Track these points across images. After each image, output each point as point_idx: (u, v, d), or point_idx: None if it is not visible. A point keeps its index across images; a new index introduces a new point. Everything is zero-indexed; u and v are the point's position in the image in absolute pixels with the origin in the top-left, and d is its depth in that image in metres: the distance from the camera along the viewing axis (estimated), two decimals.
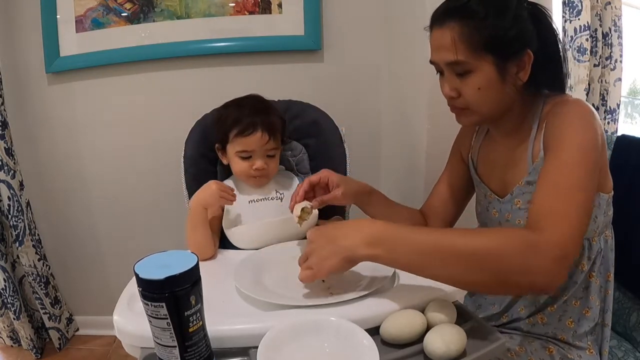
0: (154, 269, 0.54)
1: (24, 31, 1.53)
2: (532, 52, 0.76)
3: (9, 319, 1.67)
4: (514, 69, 0.77)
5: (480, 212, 0.99)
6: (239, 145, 0.99)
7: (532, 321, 0.88)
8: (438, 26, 0.78)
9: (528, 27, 0.77)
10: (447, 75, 0.81)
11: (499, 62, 0.76)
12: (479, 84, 0.77)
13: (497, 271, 0.63)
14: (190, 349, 0.57)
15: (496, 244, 0.63)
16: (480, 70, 0.76)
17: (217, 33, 1.53)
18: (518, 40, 0.76)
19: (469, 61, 0.76)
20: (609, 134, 1.07)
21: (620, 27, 1.37)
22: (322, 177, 0.96)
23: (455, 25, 0.75)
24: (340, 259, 0.68)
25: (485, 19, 0.74)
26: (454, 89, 0.80)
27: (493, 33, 0.74)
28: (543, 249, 0.62)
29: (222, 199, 0.93)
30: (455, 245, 0.64)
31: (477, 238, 0.65)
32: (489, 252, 0.63)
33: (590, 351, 0.86)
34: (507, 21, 0.75)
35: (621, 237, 0.90)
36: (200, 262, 0.58)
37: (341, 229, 0.71)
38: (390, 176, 1.68)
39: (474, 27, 0.74)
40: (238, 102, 1.05)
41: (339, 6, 1.53)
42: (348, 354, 0.60)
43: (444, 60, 0.79)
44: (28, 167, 1.63)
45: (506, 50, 0.76)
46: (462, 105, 0.82)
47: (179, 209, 1.17)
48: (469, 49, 0.75)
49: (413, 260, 0.66)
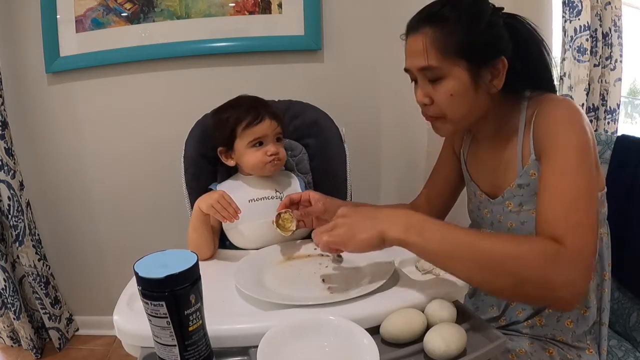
0: (154, 268, 0.54)
1: (24, 31, 1.53)
2: (507, 59, 0.76)
3: (9, 319, 1.67)
4: (488, 76, 0.77)
5: (472, 210, 0.99)
6: (250, 135, 1.00)
7: (531, 323, 0.88)
8: (412, 33, 0.79)
9: (503, 34, 0.76)
10: (420, 81, 0.81)
11: (472, 67, 0.76)
12: (451, 90, 0.77)
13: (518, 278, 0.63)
14: (190, 348, 0.57)
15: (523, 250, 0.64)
16: (452, 76, 0.76)
17: (217, 33, 1.53)
18: (492, 47, 0.76)
19: (440, 66, 0.76)
20: (609, 134, 1.07)
21: (620, 27, 1.37)
22: (304, 194, 0.97)
23: (429, 31, 0.76)
24: (374, 235, 0.69)
25: (458, 24, 0.74)
26: (427, 96, 0.80)
27: (465, 38, 0.74)
28: (569, 262, 0.63)
29: (213, 209, 0.91)
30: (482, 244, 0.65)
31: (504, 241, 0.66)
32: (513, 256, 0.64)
33: (590, 350, 0.86)
34: (481, 27, 0.75)
35: (621, 236, 0.90)
36: (200, 262, 0.58)
37: (380, 211, 0.74)
38: (390, 176, 1.68)
39: (447, 33, 0.74)
40: (232, 103, 1.06)
41: (339, 6, 1.53)
42: (348, 354, 0.60)
43: (416, 66, 0.79)
44: (28, 167, 1.63)
45: (479, 56, 0.75)
46: (435, 113, 0.82)
47: (179, 208, 1.17)
48: (441, 54, 0.75)
49: (440, 251, 0.67)
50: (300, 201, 0.97)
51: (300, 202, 0.97)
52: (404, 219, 0.70)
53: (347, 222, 0.73)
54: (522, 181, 0.81)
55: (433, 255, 0.69)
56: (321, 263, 0.88)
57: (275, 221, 0.92)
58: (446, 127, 0.83)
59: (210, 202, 0.91)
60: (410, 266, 0.82)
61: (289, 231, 0.91)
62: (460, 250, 0.66)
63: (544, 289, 0.63)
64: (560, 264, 0.62)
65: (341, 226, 0.72)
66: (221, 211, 0.91)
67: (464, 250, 0.66)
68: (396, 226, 0.69)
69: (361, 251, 0.71)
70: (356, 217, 0.73)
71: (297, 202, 0.97)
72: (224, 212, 0.91)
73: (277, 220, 0.92)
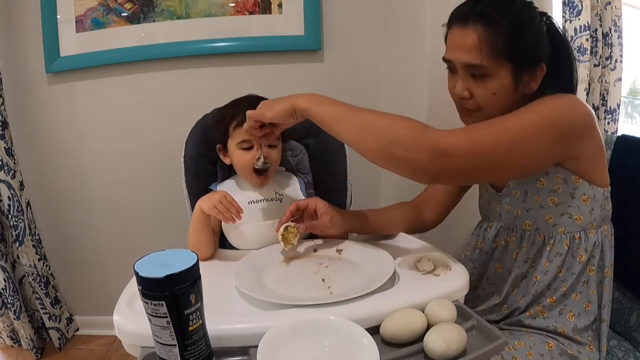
0: (154, 268, 0.54)
1: (24, 31, 1.53)
2: (545, 65, 0.79)
3: (9, 319, 1.67)
4: (527, 79, 0.80)
5: (483, 206, 1.02)
6: (239, 135, 0.99)
7: (533, 314, 0.89)
8: (461, 26, 0.80)
9: (545, 41, 0.80)
10: (462, 75, 0.82)
11: (515, 70, 0.78)
12: (494, 89, 0.80)
13: (387, 140, 0.73)
14: (190, 347, 0.57)
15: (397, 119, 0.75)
16: (497, 76, 0.79)
17: (217, 33, 1.53)
18: (535, 53, 0.79)
19: (489, 66, 0.78)
20: (609, 134, 1.07)
21: (620, 27, 1.37)
22: (311, 202, 0.96)
23: (481, 30, 0.77)
24: (287, 104, 0.82)
25: (509, 28, 0.76)
26: (467, 90, 0.82)
27: (514, 42, 0.77)
28: (431, 136, 0.72)
29: (215, 209, 0.90)
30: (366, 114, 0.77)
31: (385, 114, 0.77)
32: (387, 124, 0.75)
33: (590, 347, 0.86)
34: (529, 33, 0.78)
35: (621, 236, 0.90)
36: (200, 262, 0.58)
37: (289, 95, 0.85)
38: (390, 176, 1.67)
39: (498, 34, 0.76)
40: (236, 101, 1.06)
41: (339, 6, 1.53)
42: (348, 353, 0.60)
43: (464, 60, 0.80)
44: (28, 167, 1.63)
45: (524, 60, 0.78)
46: (472, 106, 0.84)
47: (179, 208, 1.17)
48: (491, 54, 0.77)
49: (331, 118, 0.79)
50: (306, 209, 0.96)
51: (306, 210, 0.96)
52: (311, 95, 0.82)
53: (268, 100, 0.86)
54: None
55: (326, 121, 0.79)
56: (321, 263, 0.88)
57: (281, 233, 0.90)
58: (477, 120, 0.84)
59: (212, 202, 0.91)
60: (410, 266, 0.82)
61: (290, 244, 0.90)
62: (346, 118, 0.78)
63: (405, 151, 0.72)
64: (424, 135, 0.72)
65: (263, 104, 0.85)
66: (224, 212, 0.91)
67: (349, 118, 0.78)
68: (303, 98, 0.81)
69: (278, 118, 0.83)
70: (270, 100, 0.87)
71: (304, 209, 0.96)
72: (227, 212, 0.91)
73: (282, 232, 0.90)
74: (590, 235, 0.85)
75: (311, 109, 0.80)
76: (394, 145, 0.72)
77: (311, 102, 0.80)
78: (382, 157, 0.76)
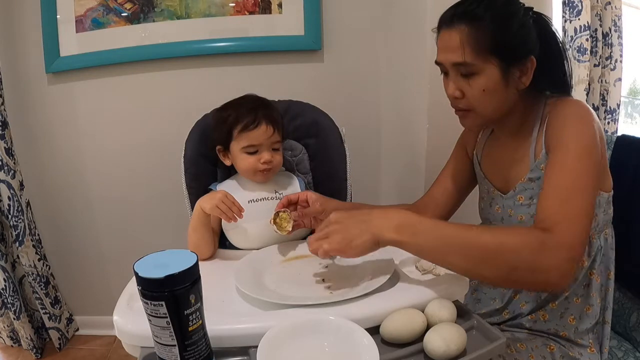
0: (154, 268, 0.54)
1: (24, 31, 1.53)
2: (534, 58, 0.79)
3: (9, 319, 1.67)
4: (517, 73, 0.80)
5: (484, 208, 1.00)
6: (244, 140, 0.99)
7: (535, 317, 0.89)
8: (446, 28, 0.80)
9: (532, 34, 0.79)
10: (453, 75, 0.82)
11: (503, 65, 0.78)
12: (483, 86, 0.79)
13: (510, 267, 0.67)
14: (190, 347, 0.57)
15: (512, 241, 0.67)
16: (485, 73, 0.79)
17: (217, 33, 1.53)
18: (523, 47, 0.79)
19: (475, 63, 0.78)
20: (609, 134, 1.07)
21: (620, 27, 1.37)
22: (301, 194, 0.98)
23: (465, 28, 0.77)
24: (369, 239, 0.71)
25: (492, 23, 0.77)
26: (459, 90, 0.82)
27: (499, 37, 0.77)
28: (555, 249, 0.66)
29: (217, 209, 0.91)
30: (474, 238, 0.69)
31: (495, 234, 0.70)
32: (504, 248, 0.67)
33: (592, 349, 0.86)
34: (513, 27, 0.78)
35: (621, 236, 0.90)
36: (200, 262, 0.58)
37: (370, 214, 0.74)
38: (390, 176, 1.68)
39: (482, 31, 0.77)
40: (236, 102, 1.05)
41: (339, 6, 1.53)
42: (348, 354, 0.60)
43: (450, 61, 0.81)
44: (28, 167, 1.63)
45: (511, 55, 0.78)
46: (465, 106, 0.84)
47: (178, 209, 1.17)
48: (475, 52, 0.77)
49: (435, 248, 0.70)
50: (298, 201, 0.97)
51: (298, 202, 0.98)
52: (395, 221, 0.71)
53: (340, 228, 0.74)
54: (533, 175, 0.84)
55: (428, 253, 0.71)
56: (321, 263, 0.88)
57: (272, 220, 0.92)
58: (476, 121, 0.86)
59: (214, 202, 0.91)
60: (410, 266, 0.82)
61: (285, 231, 0.92)
62: (453, 246, 0.69)
63: (533, 274, 0.66)
64: (546, 251, 0.66)
65: (336, 233, 0.73)
66: (226, 211, 0.91)
67: (458, 246, 0.69)
68: (389, 228, 0.71)
69: (359, 256, 0.73)
70: (348, 222, 0.74)
71: (295, 203, 0.98)
72: (229, 212, 0.92)
73: (274, 218, 0.92)
74: (594, 240, 0.85)
75: (404, 242, 0.70)
76: (518, 271, 0.67)
77: (401, 234, 0.70)
78: (506, 283, 0.76)
